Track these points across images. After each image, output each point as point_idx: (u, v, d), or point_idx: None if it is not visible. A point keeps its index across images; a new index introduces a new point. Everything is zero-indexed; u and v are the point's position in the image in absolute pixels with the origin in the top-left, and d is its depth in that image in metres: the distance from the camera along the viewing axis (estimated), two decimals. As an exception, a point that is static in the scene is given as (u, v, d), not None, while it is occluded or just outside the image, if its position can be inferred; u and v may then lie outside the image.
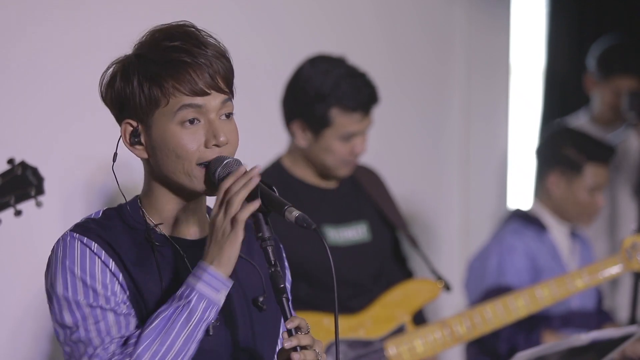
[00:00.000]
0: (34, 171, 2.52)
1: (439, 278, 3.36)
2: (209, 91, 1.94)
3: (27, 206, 2.52)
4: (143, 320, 1.93)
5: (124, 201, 2.05)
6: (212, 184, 1.95)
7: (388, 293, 3.29)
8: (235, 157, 1.98)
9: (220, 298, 1.90)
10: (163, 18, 3.36)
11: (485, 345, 3.70)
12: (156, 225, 2.00)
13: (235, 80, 2.02)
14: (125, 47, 3.28)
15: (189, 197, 2.01)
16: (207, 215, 2.07)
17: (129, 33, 3.30)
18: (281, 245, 2.17)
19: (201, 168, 1.95)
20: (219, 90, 1.96)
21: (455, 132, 4.88)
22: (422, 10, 4.69)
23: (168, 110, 1.94)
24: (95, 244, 1.94)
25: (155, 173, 2.00)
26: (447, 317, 3.33)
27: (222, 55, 1.98)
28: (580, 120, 4.73)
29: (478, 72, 4.91)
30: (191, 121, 1.94)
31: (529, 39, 5.21)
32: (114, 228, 1.98)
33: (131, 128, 1.98)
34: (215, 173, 1.94)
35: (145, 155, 1.99)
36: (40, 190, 2.53)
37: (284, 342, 1.90)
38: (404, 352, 3.18)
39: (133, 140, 1.98)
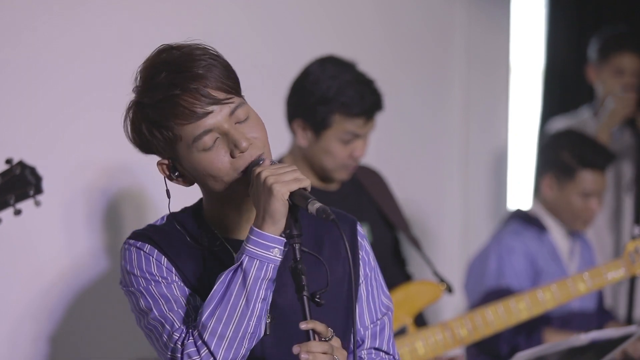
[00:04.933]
0: (32, 170, 2.52)
1: (441, 280, 3.36)
2: (209, 109, 1.97)
3: (28, 208, 2.52)
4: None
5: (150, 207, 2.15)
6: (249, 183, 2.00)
7: (390, 295, 3.29)
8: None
9: (275, 255, 1.95)
10: (163, 18, 3.36)
11: (485, 346, 3.70)
12: (212, 231, 2.07)
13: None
14: (125, 47, 3.28)
15: (241, 201, 2.06)
16: None
17: (129, 33, 3.31)
18: (359, 228, 2.20)
19: (241, 174, 2.00)
20: (219, 102, 1.98)
21: (455, 132, 4.88)
22: (422, 9, 4.68)
23: (185, 143, 1.99)
24: (148, 246, 2.05)
25: (206, 191, 2.07)
26: (448, 319, 3.32)
27: (211, 64, 1.99)
28: (583, 116, 4.73)
29: (478, 72, 4.91)
30: (211, 144, 1.99)
31: (529, 38, 5.21)
32: (170, 233, 2.07)
33: (165, 165, 2.06)
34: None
35: (190, 183, 2.07)
36: (39, 190, 2.53)
37: (294, 347, 1.91)
38: (405, 354, 3.18)
39: (174, 175, 2.06)
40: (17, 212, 2.48)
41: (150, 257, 2.03)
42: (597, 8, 5.28)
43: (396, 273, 3.39)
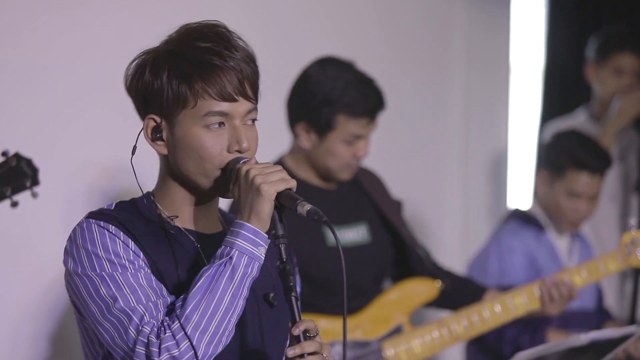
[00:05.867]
0: (29, 162, 2.52)
1: (437, 277, 3.36)
2: (237, 97, 1.96)
3: (29, 207, 2.52)
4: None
5: (140, 194, 2.07)
6: (227, 184, 1.98)
7: (385, 293, 3.29)
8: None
9: (261, 254, 1.92)
10: (163, 18, 3.37)
11: (489, 347, 3.69)
12: (170, 218, 2.01)
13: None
14: (125, 47, 3.28)
15: (202, 196, 2.03)
16: (219, 214, 2.11)
17: (129, 33, 3.31)
18: (291, 246, 2.18)
19: (219, 172, 1.98)
20: (246, 96, 1.98)
21: (455, 132, 4.88)
22: (422, 9, 4.68)
23: (195, 112, 1.96)
24: (113, 226, 1.95)
25: (173, 169, 2.01)
26: (445, 316, 3.32)
27: (251, 60, 2.00)
28: (579, 118, 4.73)
29: (478, 72, 4.91)
30: (216, 125, 1.96)
31: (529, 38, 5.21)
32: (128, 216, 1.99)
33: (154, 124, 1.99)
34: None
35: (165, 152, 2.00)
36: (35, 181, 2.54)
37: (288, 350, 1.90)
38: (402, 353, 3.17)
39: (155, 136, 1.99)
40: (14, 204, 2.49)
41: (117, 239, 1.93)
42: (597, 8, 5.28)
43: (396, 273, 3.39)
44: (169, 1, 3.45)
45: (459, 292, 3.36)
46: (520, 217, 3.91)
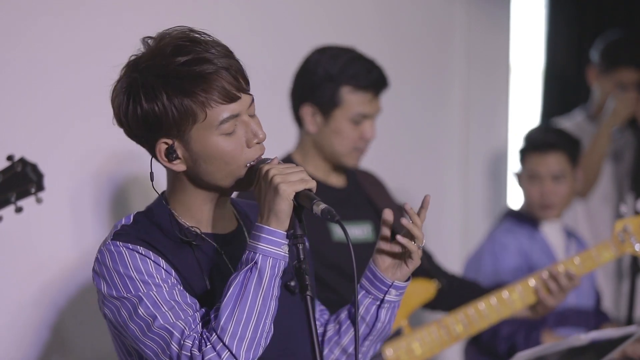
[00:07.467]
0: (34, 167, 2.52)
1: (434, 277, 3.35)
2: (239, 94, 1.98)
3: (33, 203, 2.52)
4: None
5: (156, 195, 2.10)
6: (250, 180, 2.01)
7: (382, 296, 3.28)
8: None
9: (285, 252, 1.96)
10: (164, 19, 3.37)
11: (484, 345, 3.69)
12: (190, 227, 2.04)
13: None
14: (125, 46, 3.28)
15: (221, 196, 2.06)
16: (232, 207, 2.14)
17: (131, 32, 3.31)
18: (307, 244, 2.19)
19: (246, 169, 2.01)
20: (244, 90, 2.00)
21: (455, 132, 4.88)
22: (422, 9, 4.69)
23: (207, 124, 1.97)
24: (141, 248, 1.98)
25: (194, 181, 2.03)
26: (443, 316, 3.31)
27: (230, 52, 2.01)
28: (577, 118, 4.73)
29: (478, 72, 4.91)
30: (231, 130, 1.99)
31: (529, 38, 5.21)
32: (150, 232, 2.02)
33: (166, 146, 2.00)
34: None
35: (184, 168, 2.02)
36: (40, 187, 2.53)
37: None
38: (402, 355, 3.17)
39: (171, 157, 2.01)
40: (18, 210, 2.48)
41: (148, 259, 1.98)
42: (597, 8, 5.28)
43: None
44: (169, 1, 3.45)
45: (456, 292, 3.35)
46: (514, 216, 3.93)
